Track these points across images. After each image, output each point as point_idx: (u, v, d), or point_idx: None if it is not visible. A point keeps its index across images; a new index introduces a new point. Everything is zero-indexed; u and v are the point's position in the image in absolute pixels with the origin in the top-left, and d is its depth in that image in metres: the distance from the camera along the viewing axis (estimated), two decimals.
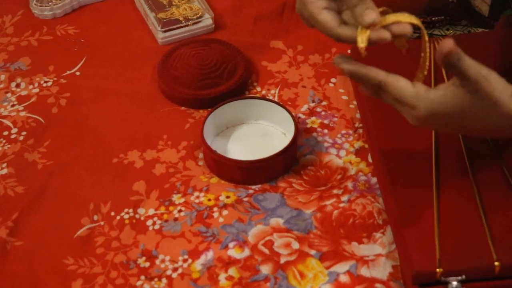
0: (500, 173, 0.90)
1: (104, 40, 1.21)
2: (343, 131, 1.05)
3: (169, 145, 1.04)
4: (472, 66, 0.74)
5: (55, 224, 0.95)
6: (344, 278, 0.88)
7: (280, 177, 0.99)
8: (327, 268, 0.89)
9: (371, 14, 0.77)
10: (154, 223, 0.95)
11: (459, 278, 0.81)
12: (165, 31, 1.19)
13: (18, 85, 1.14)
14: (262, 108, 1.05)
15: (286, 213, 0.95)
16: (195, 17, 1.20)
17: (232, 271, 0.90)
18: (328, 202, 0.96)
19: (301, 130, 1.05)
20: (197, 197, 0.98)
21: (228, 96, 1.07)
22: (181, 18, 1.19)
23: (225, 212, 0.96)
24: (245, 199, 0.97)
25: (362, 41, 0.78)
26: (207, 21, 1.21)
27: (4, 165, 1.03)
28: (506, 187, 0.88)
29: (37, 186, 1.00)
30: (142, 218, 0.96)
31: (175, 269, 0.90)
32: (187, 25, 1.19)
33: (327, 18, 0.80)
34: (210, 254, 0.91)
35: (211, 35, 1.20)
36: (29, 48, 1.20)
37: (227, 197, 0.98)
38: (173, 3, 1.22)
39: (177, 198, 0.98)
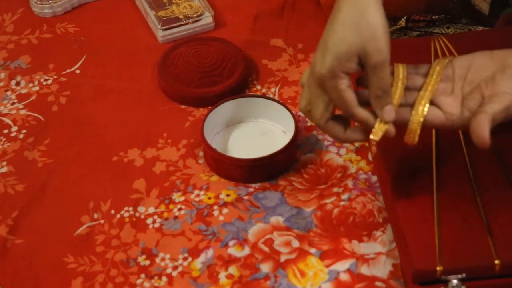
0: (500, 172, 0.90)
1: (104, 39, 1.21)
2: None
3: (169, 143, 1.04)
4: (492, 112, 0.76)
5: (55, 222, 0.95)
6: (344, 277, 0.88)
7: (280, 176, 0.99)
8: (327, 266, 0.89)
9: (391, 114, 0.80)
10: (154, 222, 0.95)
11: (459, 276, 0.81)
12: (165, 29, 1.18)
13: (18, 83, 1.14)
14: (262, 107, 1.04)
15: (286, 212, 0.95)
16: (195, 15, 1.20)
17: (232, 269, 0.90)
18: (328, 201, 0.96)
19: (301, 129, 1.05)
20: (197, 195, 0.98)
21: (228, 94, 1.07)
22: (181, 16, 1.19)
23: (225, 211, 0.96)
24: (245, 198, 0.97)
25: (375, 135, 0.80)
26: (207, 19, 1.20)
27: (4, 163, 1.03)
28: (506, 186, 0.88)
29: (37, 184, 1.00)
30: (142, 217, 0.96)
31: (175, 268, 0.90)
32: (187, 23, 1.19)
33: (351, 96, 0.80)
34: (210, 253, 0.91)
35: (211, 33, 1.20)
36: (29, 46, 1.20)
37: (227, 195, 0.98)
38: (173, 1, 1.21)
39: (177, 197, 0.98)
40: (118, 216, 0.96)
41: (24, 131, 1.07)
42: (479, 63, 0.83)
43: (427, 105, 0.80)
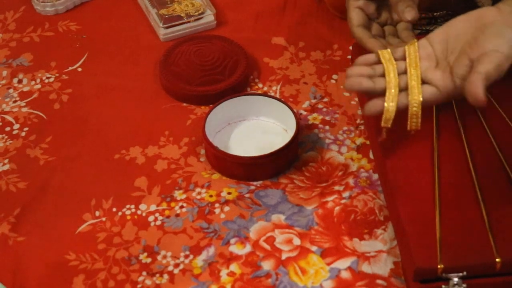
0: (501, 170, 0.90)
1: (106, 37, 1.21)
2: (345, 128, 1.05)
3: (170, 141, 1.05)
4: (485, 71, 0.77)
5: (57, 220, 0.96)
6: (345, 274, 0.89)
7: (281, 174, 0.99)
8: (328, 264, 0.90)
9: (412, 12, 0.91)
10: (155, 219, 0.95)
11: (460, 274, 0.81)
12: (167, 28, 1.18)
13: (20, 81, 1.14)
14: (264, 105, 1.05)
15: (288, 209, 0.95)
16: (197, 13, 1.19)
17: (234, 267, 0.90)
18: (329, 199, 0.96)
19: (302, 127, 1.05)
20: (199, 193, 0.98)
21: (230, 93, 1.07)
22: (182, 15, 1.19)
23: (226, 208, 0.96)
24: (247, 195, 0.97)
25: (386, 122, 0.83)
26: (209, 17, 1.20)
27: (6, 160, 1.03)
28: (507, 184, 0.88)
29: (39, 182, 1.00)
30: (144, 214, 0.96)
31: (176, 265, 0.90)
32: (189, 22, 1.19)
33: (354, 16, 0.94)
34: (211, 250, 0.92)
35: (213, 32, 1.20)
36: (31, 44, 1.20)
37: (229, 193, 0.98)
38: None
39: (178, 194, 0.98)
40: (119, 213, 0.96)
41: (26, 128, 1.07)
42: (456, 31, 0.83)
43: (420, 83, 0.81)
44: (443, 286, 0.81)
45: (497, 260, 0.81)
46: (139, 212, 0.96)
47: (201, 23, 1.20)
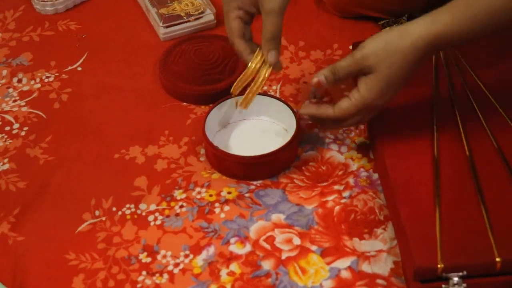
0: (502, 169, 0.90)
1: (106, 36, 1.21)
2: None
3: (170, 140, 1.04)
4: (340, 66, 0.89)
5: (57, 219, 0.95)
6: (345, 274, 0.88)
7: (281, 173, 0.99)
8: (328, 263, 0.90)
9: (275, 57, 0.95)
10: (155, 219, 0.95)
11: (460, 274, 0.81)
12: (167, 27, 1.18)
13: (20, 81, 1.14)
14: (264, 104, 1.04)
15: (288, 209, 0.95)
16: (196, 12, 1.19)
17: (234, 266, 0.90)
18: (329, 198, 0.96)
19: (302, 126, 1.05)
20: (199, 192, 0.98)
21: (230, 92, 1.06)
22: (182, 14, 1.19)
23: (226, 208, 0.96)
24: (247, 195, 0.97)
25: (235, 90, 0.98)
26: (209, 16, 1.20)
27: (6, 160, 1.03)
28: (508, 183, 0.88)
29: (39, 182, 1.00)
30: (144, 214, 0.96)
31: (176, 265, 0.90)
32: (189, 21, 1.19)
33: (235, 26, 0.95)
34: (211, 250, 0.92)
35: (213, 31, 1.20)
36: (31, 43, 1.20)
37: (229, 192, 0.98)
38: None
39: (178, 194, 0.98)
40: (119, 213, 0.96)
41: (25, 128, 1.07)
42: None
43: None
44: (443, 285, 0.81)
45: (497, 259, 0.81)
46: (139, 211, 0.96)
47: (201, 22, 1.20)
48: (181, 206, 0.96)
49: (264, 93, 1.07)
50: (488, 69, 1.01)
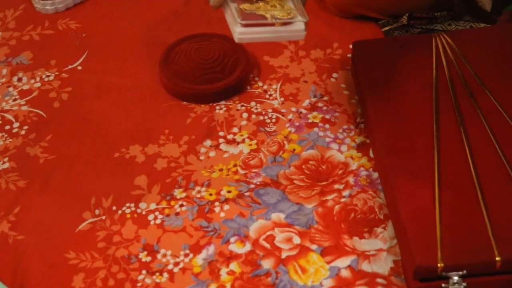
0: (502, 168, 0.90)
1: (106, 35, 1.21)
2: (345, 126, 1.05)
3: (170, 139, 1.05)
4: None
5: (57, 218, 0.96)
6: (345, 273, 0.89)
7: (281, 172, 0.99)
8: (328, 263, 0.90)
9: None
10: (155, 218, 0.95)
11: (460, 273, 0.81)
12: (245, 26, 0.92)
13: (20, 79, 1.14)
14: None
15: (288, 208, 0.95)
16: (285, 17, 0.93)
17: (234, 265, 0.90)
18: (329, 197, 0.96)
19: (302, 125, 1.05)
20: (199, 191, 0.98)
21: (230, 91, 1.07)
22: (267, 15, 0.93)
23: (226, 207, 0.96)
24: (247, 194, 0.97)
25: None
26: (299, 25, 0.94)
27: (6, 159, 1.03)
28: (508, 182, 0.88)
29: (39, 180, 1.00)
30: (144, 213, 0.96)
31: (176, 264, 0.90)
32: (273, 25, 0.93)
33: None
34: (211, 249, 0.92)
35: (212, 30, 1.20)
36: (31, 42, 1.20)
37: (229, 191, 0.98)
38: None
39: (178, 193, 0.98)
40: (119, 212, 0.96)
41: (26, 127, 1.07)
42: None
43: None
44: (443, 284, 0.81)
45: (497, 258, 0.81)
46: (139, 210, 0.96)
47: (288, 29, 0.93)
48: (181, 205, 0.96)
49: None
50: (489, 68, 1.01)
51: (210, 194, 0.97)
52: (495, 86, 0.99)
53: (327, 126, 1.05)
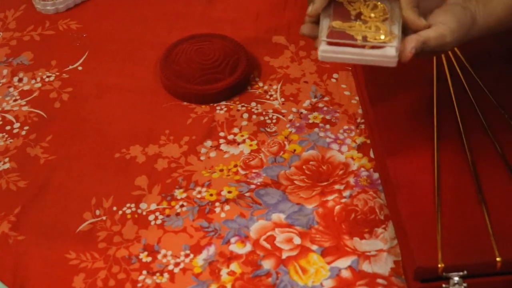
0: (502, 168, 0.90)
1: (107, 35, 1.21)
2: (345, 127, 1.05)
3: (171, 140, 1.05)
4: (426, 36, 0.83)
5: (57, 218, 0.95)
6: (345, 274, 0.88)
7: (281, 172, 0.99)
8: (328, 263, 0.90)
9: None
10: (156, 218, 0.95)
11: (461, 273, 0.81)
12: (330, 44, 0.85)
13: (20, 80, 1.14)
14: None
15: (288, 208, 0.95)
16: (376, 40, 0.85)
17: (234, 266, 0.90)
18: (330, 198, 0.96)
19: (303, 125, 1.05)
20: (199, 192, 0.98)
21: (230, 92, 1.07)
22: (358, 36, 0.85)
23: (227, 207, 0.96)
24: (247, 194, 0.97)
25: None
26: (390, 51, 0.84)
27: (7, 159, 1.03)
28: (508, 182, 0.88)
29: (39, 181, 1.00)
30: (144, 213, 0.96)
31: (177, 264, 0.90)
32: (363, 47, 0.85)
33: None
34: (212, 249, 0.92)
35: (214, 31, 1.20)
36: (32, 42, 1.20)
37: (229, 192, 0.98)
38: (363, 17, 0.87)
39: (179, 193, 0.98)
40: (120, 212, 0.96)
41: (26, 127, 1.07)
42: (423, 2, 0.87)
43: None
44: (443, 285, 0.81)
45: (498, 259, 0.81)
46: (139, 211, 0.96)
47: (377, 54, 0.84)
48: (182, 206, 0.96)
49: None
50: (489, 69, 1.01)
51: (211, 195, 0.97)
52: (495, 86, 0.99)
53: (327, 126, 1.05)
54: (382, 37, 0.85)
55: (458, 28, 0.83)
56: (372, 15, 0.86)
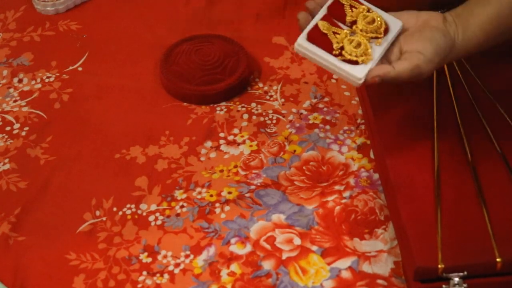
0: (502, 169, 0.90)
1: (107, 36, 1.21)
2: (345, 127, 1.05)
3: (171, 140, 1.05)
4: (400, 70, 0.82)
5: (58, 219, 0.95)
6: (345, 274, 0.88)
7: (281, 172, 0.99)
8: (329, 264, 0.90)
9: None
10: (156, 219, 0.95)
11: (461, 274, 0.81)
12: (308, 40, 0.85)
13: (20, 81, 1.14)
14: None
15: (288, 209, 0.95)
16: (351, 56, 0.84)
17: (234, 266, 0.90)
18: (330, 198, 0.96)
19: (303, 126, 1.05)
20: (199, 192, 0.98)
21: (230, 92, 1.07)
22: (335, 45, 0.84)
23: (227, 208, 0.96)
24: (247, 195, 0.97)
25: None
26: (358, 71, 0.83)
27: (7, 160, 1.03)
28: (508, 183, 0.88)
29: (40, 182, 1.00)
30: (144, 214, 0.96)
31: (177, 265, 0.90)
32: (334, 55, 0.84)
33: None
34: (212, 250, 0.92)
35: (214, 31, 1.20)
36: (32, 43, 1.20)
37: (229, 192, 0.98)
38: (355, 27, 0.86)
39: (179, 194, 0.98)
40: (120, 213, 0.96)
41: (26, 128, 1.07)
42: (405, 21, 0.87)
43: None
44: (443, 285, 0.81)
45: (498, 260, 0.81)
46: (139, 211, 0.96)
47: (345, 69, 0.83)
48: (182, 206, 0.96)
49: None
50: (489, 70, 1.01)
51: (211, 195, 0.97)
52: (495, 86, 0.99)
53: (327, 127, 1.05)
54: (363, 54, 0.84)
55: (435, 57, 0.83)
56: (364, 28, 0.85)
